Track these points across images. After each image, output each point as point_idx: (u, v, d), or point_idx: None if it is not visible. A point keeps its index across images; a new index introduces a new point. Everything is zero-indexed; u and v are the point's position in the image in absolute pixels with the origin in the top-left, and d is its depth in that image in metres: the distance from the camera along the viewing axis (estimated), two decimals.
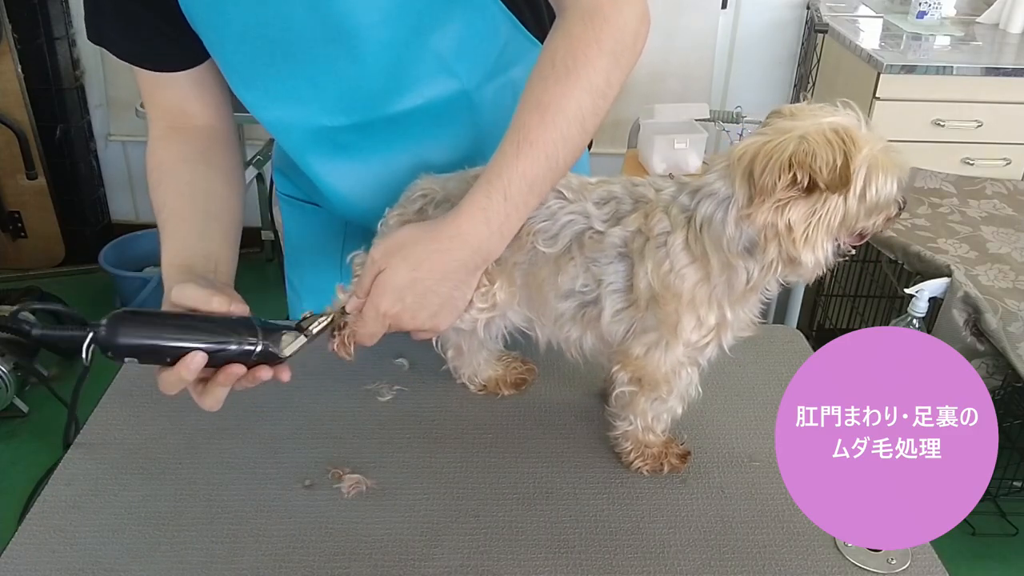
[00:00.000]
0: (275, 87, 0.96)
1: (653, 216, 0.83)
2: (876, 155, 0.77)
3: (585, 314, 0.88)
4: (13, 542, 0.84)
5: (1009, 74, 2.45)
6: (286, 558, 0.83)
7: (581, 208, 0.87)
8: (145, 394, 1.04)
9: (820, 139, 0.74)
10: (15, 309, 2.11)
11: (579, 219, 0.87)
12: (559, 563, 0.83)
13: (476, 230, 0.83)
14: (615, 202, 0.87)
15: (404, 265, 0.83)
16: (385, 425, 0.99)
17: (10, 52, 2.84)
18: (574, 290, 0.87)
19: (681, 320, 0.83)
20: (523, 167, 0.81)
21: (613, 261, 0.85)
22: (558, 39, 0.85)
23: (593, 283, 0.87)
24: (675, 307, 0.83)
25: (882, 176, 0.77)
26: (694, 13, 3.00)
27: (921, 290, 1.95)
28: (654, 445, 0.93)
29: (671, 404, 0.90)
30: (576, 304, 0.88)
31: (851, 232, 0.81)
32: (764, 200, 0.76)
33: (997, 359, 1.94)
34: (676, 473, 0.93)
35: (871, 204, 0.78)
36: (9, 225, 3.09)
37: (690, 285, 0.82)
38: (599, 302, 0.87)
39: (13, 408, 2.46)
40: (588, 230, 0.86)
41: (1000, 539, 2.17)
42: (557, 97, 0.82)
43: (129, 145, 3.20)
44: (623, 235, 0.85)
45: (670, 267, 0.82)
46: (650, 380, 0.88)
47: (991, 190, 2.47)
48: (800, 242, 0.77)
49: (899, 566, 0.83)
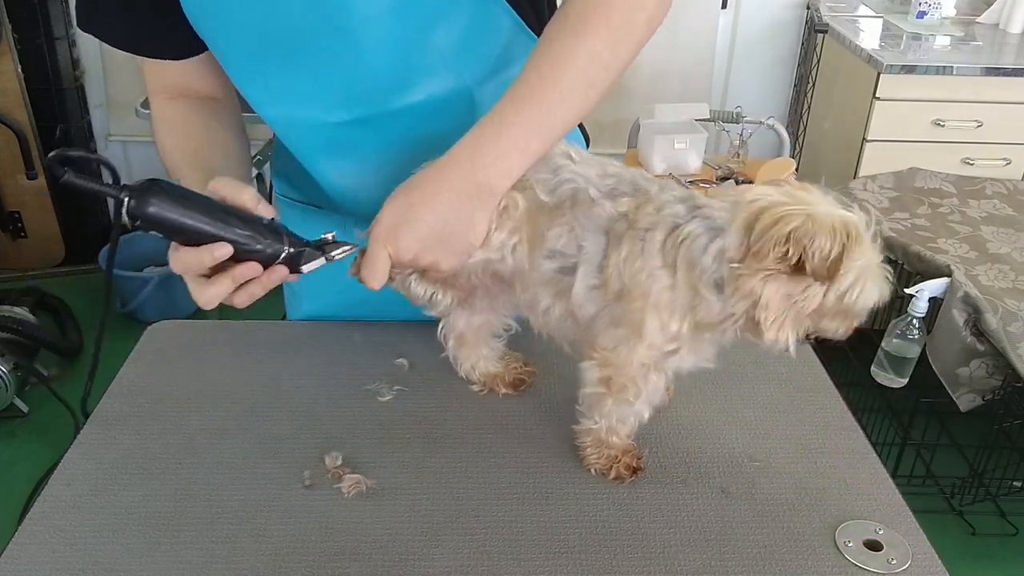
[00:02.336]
0: (276, 82, 0.96)
1: (645, 208, 0.83)
2: (872, 264, 0.76)
3: (561, 281, 0.88)
4: (13, 542, 0.84)
5: (1009, 74, 2.46)
6: (286, 558, 0.83)
7: (584, 172, 0.87)
8: (145, 394, 1.04)
9: (826, 225, 0.73)
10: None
11: (579, 180, 0.87)
12: (559, 563, 0.83)
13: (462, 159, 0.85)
14: (616, 179, 0.87)
15: (400, 192, 0.86)
16: (385, 425, 0.99)
17: (10, 52, 2.84)
18: (557, 249, 0.87)
19: (645, 321, 0.83)
20: (523, 114, 0.85)
21: (595, 231, 0.85)
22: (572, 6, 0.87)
23: (574, 247, 0.87)
24: (641, 305, 0.83)
25: (869, 286, 0.76)
26: (694, 13, 3.00)
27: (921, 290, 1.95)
28: (612, 447, 0.92)
29: (638, 407, 0.90)
30: (556, 267, 0.88)
31: (814, 327, 0.80)
32: (754, 266, 0.76)
33: (997, 359, 1.94)
34: (620, 483, 0.92)
35: (846, 307, 0.77)
36: (9, 225, 3.09)
37: (658, 288, 0.82)
38: (575, 271, 0.87)
39: (13, 408, 2.46)
40: (583, 192, 0.86)
41: (1000, 539, 2.17)
42: (562, 57, 0.85)
43: (129, 145, 3.20)
44: (612, 211, 0.85)
45: (642, 265, 0.82)
46: (618, 381, 0.87)
47: (991, 190, 2.47)
48: (770, 320, 0.77)
49: (899, 566, 0.83)
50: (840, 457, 0.96)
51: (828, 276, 0.74)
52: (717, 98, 3.16)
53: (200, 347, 1.13)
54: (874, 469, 0.95)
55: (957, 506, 2.20)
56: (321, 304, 1.20)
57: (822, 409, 1.04)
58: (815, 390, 1.07)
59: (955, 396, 2.01)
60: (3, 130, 2.90)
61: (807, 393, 1.06)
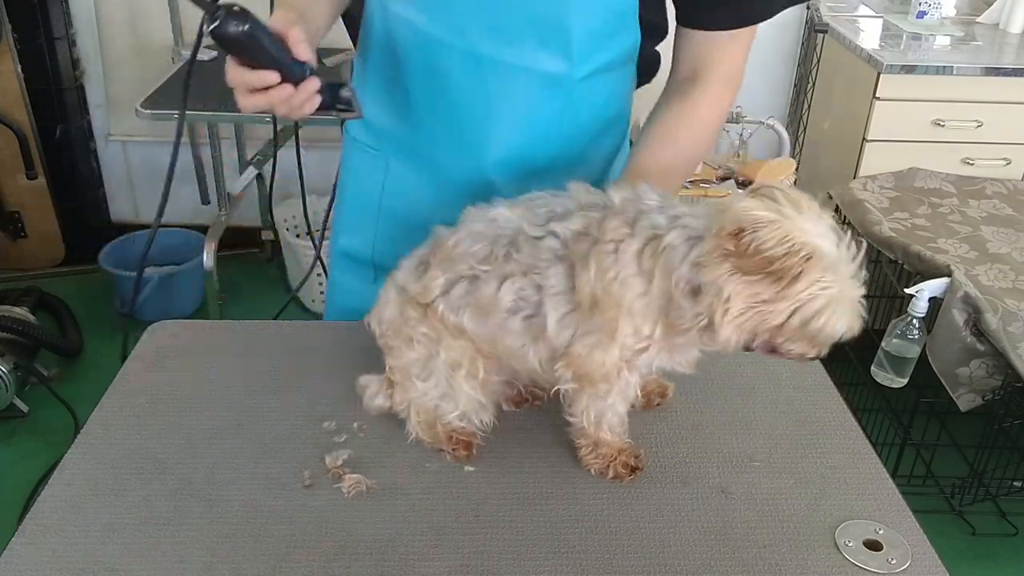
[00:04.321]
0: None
1: (609, 221, 0.83)
2: (846, 296, 0.76)
3: (532, 326, 0.88)
4: (13, 542, 0.84)
5: (1009, 74, 2.45)
6: (286, 558, 0.83)
7: (517, 218, 0.88)
8: (145, 394, 1.04)
9: (785, 231, 0.73)
10: None
11: (508, 228, 0.88)
12: (559, 563, 0.83)
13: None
14: (546, 207, 0.88)
15: None
16: (385, 425, 0.99)
17: (10, 52, 2.84)
18: (517, 301, 0.87)
19: (619, 326, 0.83)
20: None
21: (552, 263, 0.85)
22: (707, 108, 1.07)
23: (534, 290, 0.86)
24: (614, 314, 0.83)
25: (837, 316, 0.76)
26: None
27: (921, 290, 1.95)
28: (607, 445, 0.92)
29: (611, 402, 0.90)
30: (523, 318, 0.88)
31: (771, 343, 0.80)
32: (713, 251, 0.76)
33: (997, 359, 1.94)
34: (619, 482, 0.92)
35: (810, 332, 0.77)
36: (9, 225, 3.09)
37: (632, 295, 0.82)
38: (543, 309, 0.86)
39: (13, 408, 2.46)
40: (521, 234, 0.87)
41: (1000, 539, 2.17)
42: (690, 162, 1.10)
43: (129, 145, 3.20)
44: (563, 234, 0.85)
45: (615, 274, 0.82)
46: (589, 377, 0.87)
47: (991, 190, 2.47)
48: (728, 315, 0.76)
49: (899, 566, 0.83)
50: (840, 457, 0.96)
51: (766, 274, 0.73)
52: None
53: (200, 347, 1.13)
54: (874, 469, 0.95)
55: (957, 506, 2.20)
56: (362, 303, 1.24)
57: (822, 409, 1.04)
58: (815, 390, 1.07)
59: (955, 396, 2.01)
60: (3, 130, 2.90)
61: (807, 393, 1.06)
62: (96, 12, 2.99)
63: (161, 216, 1.08)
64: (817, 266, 0.74)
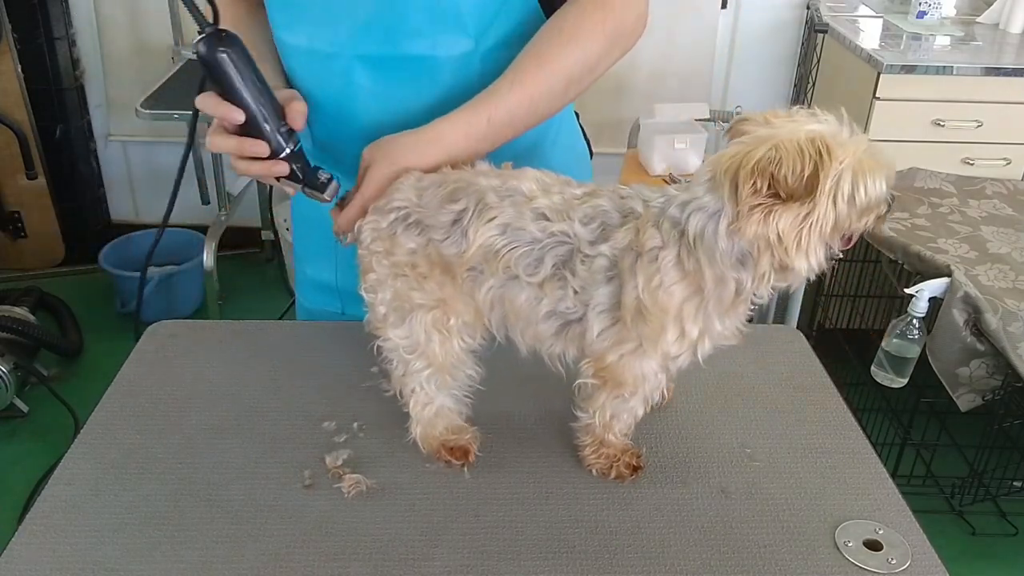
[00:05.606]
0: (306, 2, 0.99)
1: (645, 231, 0.82)
2: (860, 158, 0.76)
3: (568, 331, 0.87)
4: (13, 542, 0.84)
5: (1009, 74, 2.45)
6: (286, 558, 0.83)
7: (568, 228, 0.84)
8: (145, 394, 1.04)
9: (791, 148, 0.73)
10: None
11: (565, 241, 0.84)
12: (559, 563, 0.83)
13: (455, 138, 0.93)
14: (602, 217, 0.85)
15: (385, 160, 0.92)
16: (385, 425, 0.99)
17: (10, 52, 2.84)
18: (556, 311, 0.86)
19: (665, 332, 0.82)
20: (511, 102, 0.94)
21: (602, 283, 0.84)
22: (570, 10, 0.98)
23: (579, 305, 0.85)
24: (660, 322, 0.82)
25: (869, 178, 0.76)
26: (694, 13, 3.00)
27: (921, 290, 1.95)
28: (611, 446, 0.92)
29: (632, 404, 0.89)
30: (559, 324, 0.87)
31: (844, 236, 0.80)
32: (745, 210, 0.75)
33: (997, 359, 1.94)
34: (621, 482, 0.92)
35: (861, 207, 0.77)
36: (9, 225, 3.09)
37: (678, 301, 0.81)
38: (584, 321, 0.86)
39: (13, 408, 2.46)
40: (576, 253, 0.84)
41: (1000, 539, 2.17)
42: (556, 56, 0.96)
43: (129, 145, 3.20)
44: (612, 254, 0.83)
45: (660, 283, 0.81)
46: (617, 379, 0.87)
47: (991, 190, 2.47)
48: (792, 250, 0.77)
49: (899, 566, 0.83)
50: (840, 457, 0.96)
51: (807, 193, 0.74)
52: (717, 98, 3.16)
53: (200, 347, 1.13)
54: (874, 469, 0.95)
55: (957, 506, 2.20)
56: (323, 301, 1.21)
57: (822, 409, 1.04)
58: (815, 390, 1.07)
59: (955, 396, 2.01)
60: (3, 130, 2.90)
61: (807, 393, 1.06)
62: (96, 12, 2.99)
63: (169, 216, 1.08)
64: (824, 156, 0.74)
